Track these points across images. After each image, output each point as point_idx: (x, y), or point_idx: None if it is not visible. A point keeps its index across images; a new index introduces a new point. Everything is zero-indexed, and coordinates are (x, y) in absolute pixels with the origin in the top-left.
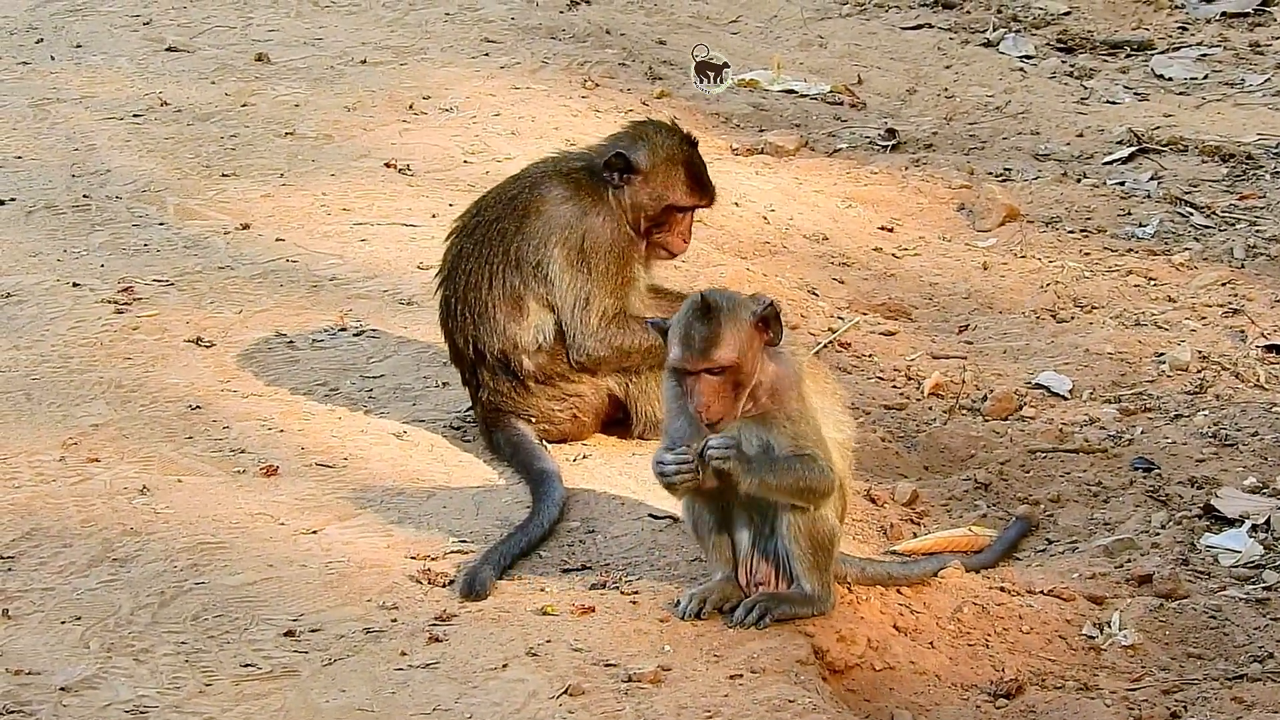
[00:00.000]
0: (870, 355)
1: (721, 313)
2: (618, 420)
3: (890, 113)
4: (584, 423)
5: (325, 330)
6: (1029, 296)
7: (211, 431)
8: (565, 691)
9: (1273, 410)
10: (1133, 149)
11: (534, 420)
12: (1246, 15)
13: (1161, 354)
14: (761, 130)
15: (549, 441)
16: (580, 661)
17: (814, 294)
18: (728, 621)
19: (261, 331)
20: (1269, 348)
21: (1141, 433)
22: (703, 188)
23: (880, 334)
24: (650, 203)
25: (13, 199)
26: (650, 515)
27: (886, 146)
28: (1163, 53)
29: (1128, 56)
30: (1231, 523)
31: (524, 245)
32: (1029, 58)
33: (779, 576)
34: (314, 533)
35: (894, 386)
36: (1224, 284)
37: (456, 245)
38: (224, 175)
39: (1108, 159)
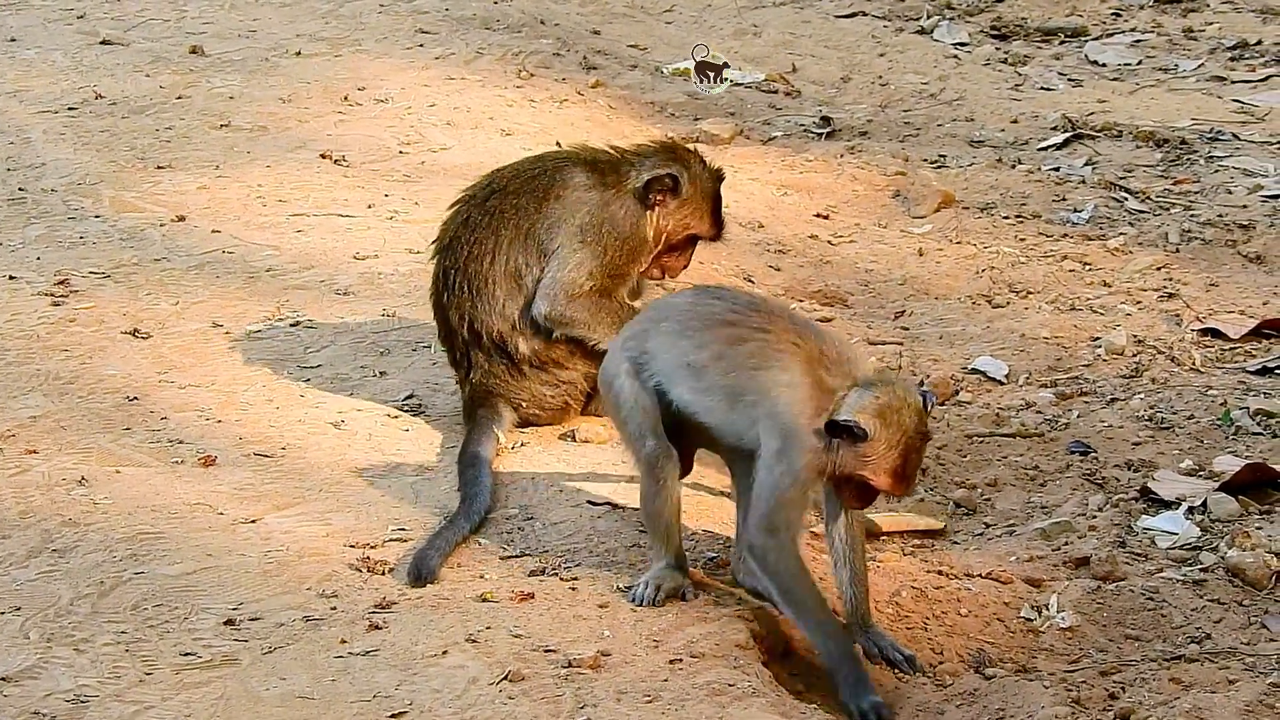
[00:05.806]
0: None
1: None
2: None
3: (825, 100)
4: (572, 409)
5: (262, 321)
6: (964, 282)
7: (149, 422)
8: (505, 677)
9: (1208, 393)
10: (1067, 135)
11: (523, 405)
12: (1179, 1)
13: (1097, 338)
14: (697, 119)
15: (535, 425)
16: (520, 647)
17: (750, 281)
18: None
19: (198, 323)
20: (1204, 331)
21: (1078, 416)
22: (721, 223)
23: (817, 320)
24: (676, 227)
25: None
26: (589, 502)
27: (821, 134)
28: (1096, 39)
29: (1062, 43)
30: (1168, 505)
31: (539, 224)
32: (963, 45)
33: None
34: (253, 522)
35: None
36: (1159, 268)
37: (464, 213)
38: (159, 167)
39: (1042, 145)
